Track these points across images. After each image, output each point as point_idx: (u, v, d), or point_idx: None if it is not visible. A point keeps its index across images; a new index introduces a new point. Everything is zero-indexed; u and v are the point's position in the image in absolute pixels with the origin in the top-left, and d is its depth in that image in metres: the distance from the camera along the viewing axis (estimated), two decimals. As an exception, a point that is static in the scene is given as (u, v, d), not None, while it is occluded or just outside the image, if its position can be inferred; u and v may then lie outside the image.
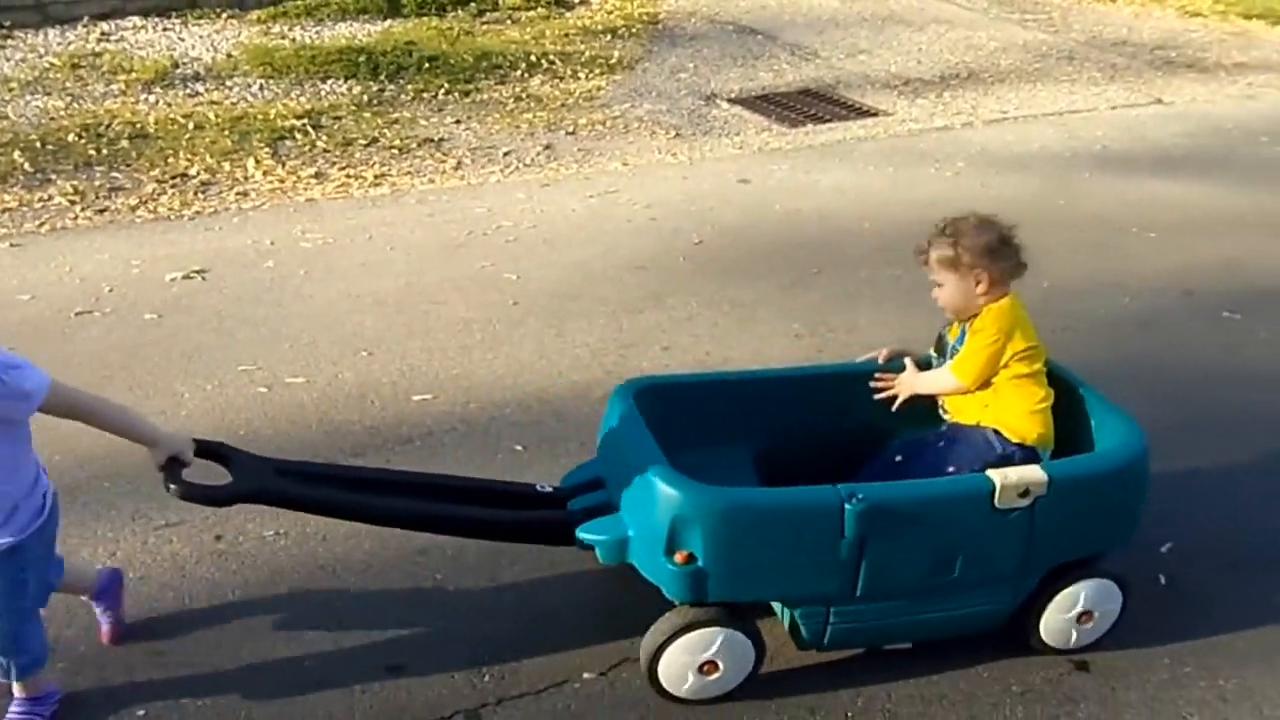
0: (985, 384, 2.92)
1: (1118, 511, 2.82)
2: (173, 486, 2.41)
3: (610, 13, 9.80)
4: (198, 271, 4.94)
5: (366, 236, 5.35)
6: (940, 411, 3.09)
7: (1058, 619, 2.86)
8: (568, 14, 9.73)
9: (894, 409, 3.10)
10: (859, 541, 2.55)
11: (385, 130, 6.91)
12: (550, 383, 4.10)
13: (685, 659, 2.63)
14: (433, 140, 6.82)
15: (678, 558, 2.51)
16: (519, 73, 8.10)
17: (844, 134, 7.19)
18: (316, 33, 8.67)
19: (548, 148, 6.77)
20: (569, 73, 8.18)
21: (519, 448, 3.67)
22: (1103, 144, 7.28)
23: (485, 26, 9.19)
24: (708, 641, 2.62)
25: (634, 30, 9.31)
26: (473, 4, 9.52)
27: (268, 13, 8.91)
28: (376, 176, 6.23)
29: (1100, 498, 2.77)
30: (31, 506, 2.34)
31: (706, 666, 2.65)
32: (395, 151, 6.60)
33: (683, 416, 2.93)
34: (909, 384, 3.09)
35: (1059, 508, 2.67)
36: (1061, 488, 2.65)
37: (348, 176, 6.21)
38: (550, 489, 2.92)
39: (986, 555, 2.71)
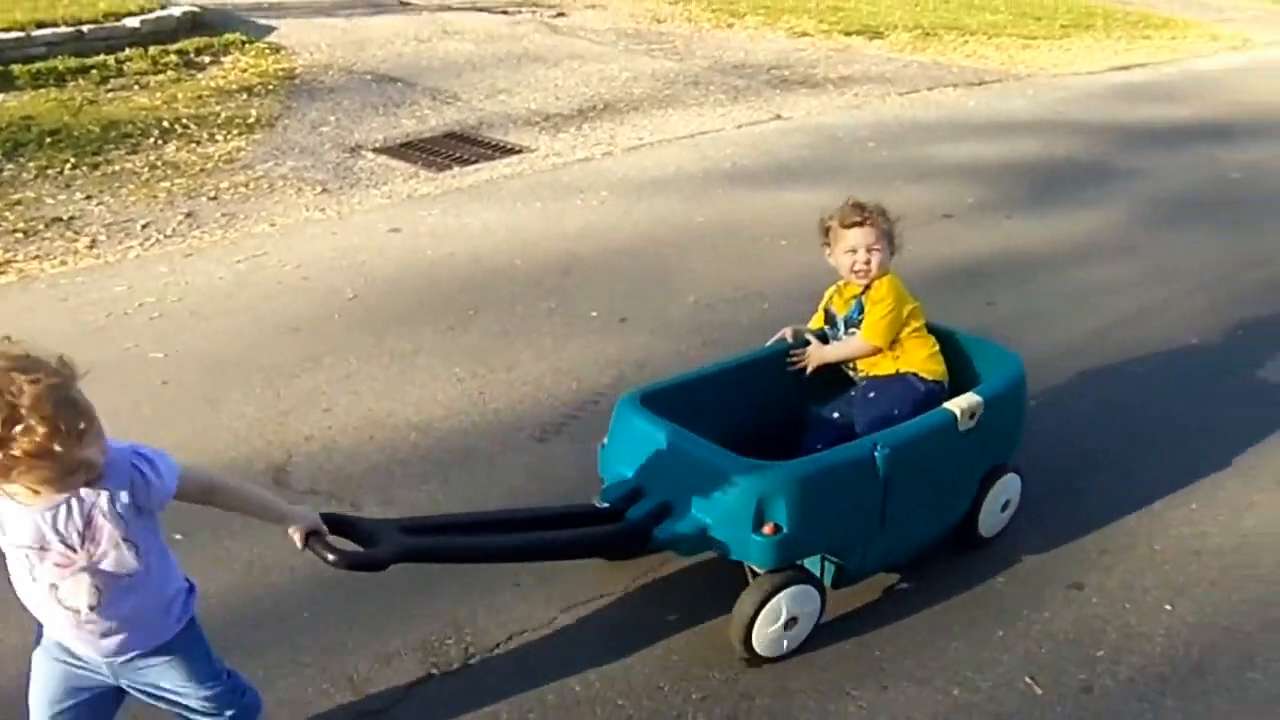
0: (891, 343, 3.47)
1: (1017, 419, 3.50)
2: (332, 558, 2.45)
3: (244, 71, 9.46)
4: None
5: (-8, 330, 4.91)
6: (849, 371, 3.61)
7: (991, 512, 3.45)
8: (199, 75, 9.31)
9: (806, 375, 3.60)
10: (885, 481, 3.02)
11: (6, 213, 6.37)
12: (208, 461, 3.86)
13: (774, 621, 2.94)
14: (62, 219, 6.34)
15: (766, 530, 2.84)
16: (152, 140, 7.67)
17: (490, 174, 7.22)
18: (-83, 114, 7.93)
19: (189, 216, 6.44)
20: (206, 136, 7.83)
21: (178, 536, 3.44)
22: (732, 161, 7.66)
23: (111, 94, 8.66)
24: (791, 599, 2.95)
25: (270, 87, 9.02)
26: (94, 71, 8.95)
27: None
28: (0, 264, 5.74)
29: (1008, 409, 3.40)
30: (184, 582, 2.33)
31: (789, 622, 2.97)
32: (20, 235, 6.10)
33: (668, 416, 3.17)
34: (818, 355, 3.58)
35: (991, 422, 3.27)
36: (991, 406, 3.25)
37: (-35, 268, 5.69)
38: (606, 505, 3.12)
39: (956, 470, 3.30)
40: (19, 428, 1.82)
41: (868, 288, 3.49)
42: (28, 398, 1.82)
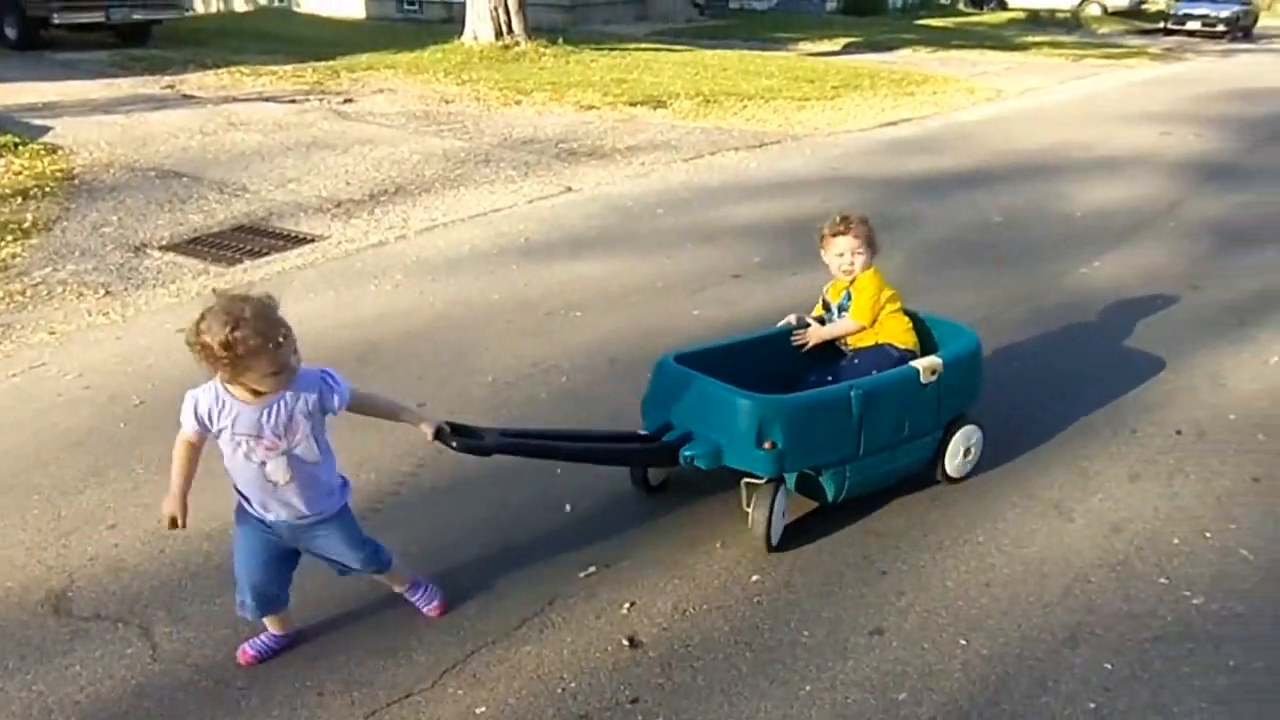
0: (874, 321, 4.27)
1: (974, 379, 4.29)
2: (455, 444, 3.35)
3: (18, 173, 9.00)
4: None
5: None
6: (841, 347, 4.41)
7: (956, 454, 4.26)
8: (-32, 182, 8.80)
9: (806, 351, 4.42)
10: (860, 416, 3.81)
11: None
12: (-19, 594, 3.58)
13: (780, 514, 3.82)
14: None
15: (765, 446, 3.63)
16: (-84, 253, 7.18)
17: (283, 265, 6.99)
18: None
19: (-41, 331, 6.02)
20: (-24, 245, 7.37)
21: (-52, 682, 3.16)
22: (525, 236, 7.63)
23: None
24: (783, 498, 3.84)
25: (48, 189, 8.59)
26: None
27: None
28: None
29: (965, 371, 4.20)
30: (341, 478, 3.21)
31: (784, 513, 3.85)
32: None
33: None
34: (818, 334, 4.41)
35: (950, 380, 4.08)
36: (950, 366, 4.07)
37: None
38: (645, 433, 3.92)
39: (920, 416, 4.05)
40: (239, 333, 2.72)
41: (854, 280, 4.29)
42: (249, 311, 2.75)
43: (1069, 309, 6.30)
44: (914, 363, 4.04)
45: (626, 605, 3.47)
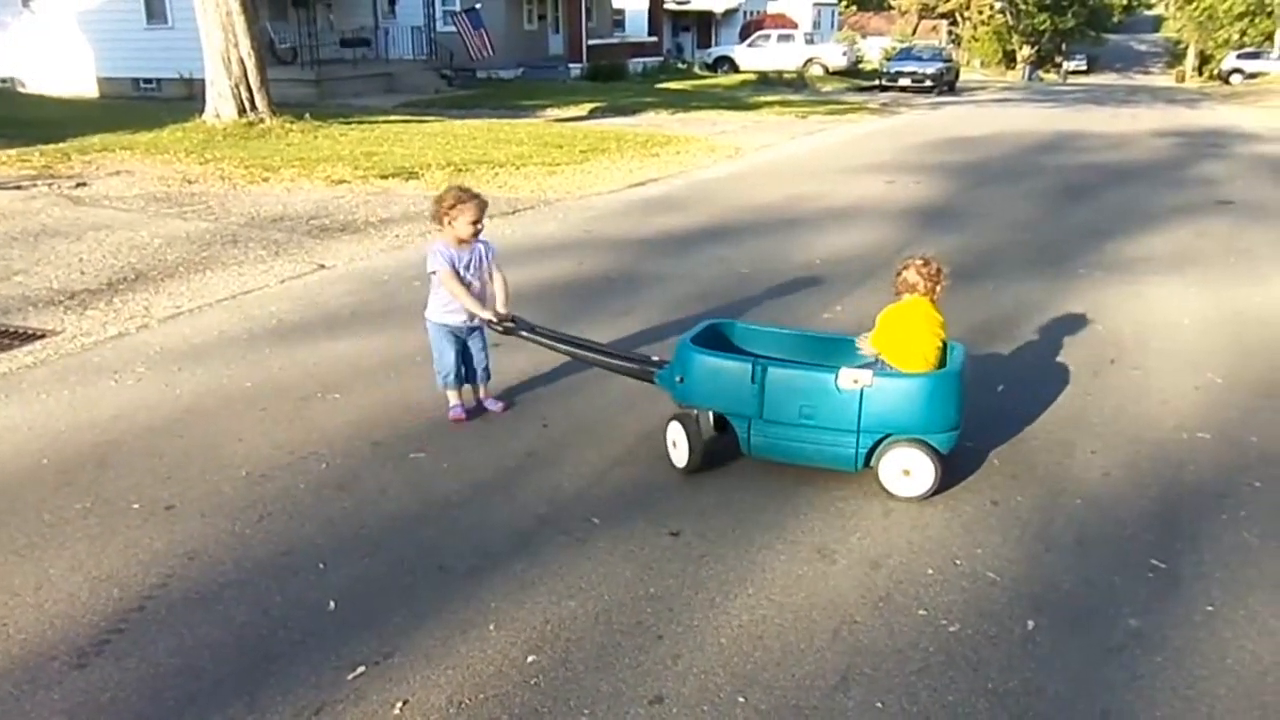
0: (884, 344, 4.79)
1: (921, 410, 4.56)
2: (497, 328, 5.35)
3: None
4: None
5: None
6: None
7: (888, 470, 4.62)
8: None
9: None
10: (761, 385, 4.62)
11: None
12: None
13: (671, 440, 4.89)
14: None
15: (678, 379, 4.86)
16: None
17: (9, 365, 6.35)
18: None
19: None
20: None
21: None
22: (278, 318, 7.27)
23: None
24: (674, 430, 4.88)
25: None
26: None
27: None
28: None
29: (906, 399, 4.56)
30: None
31: (677, 443, 4.85)
32: None
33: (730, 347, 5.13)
34: (864, 348, 4.88)
35: (881, 397, 4.52)
36: (881, 387, 4.53)
37: None
38: (653, 359, 5.34)
39: (835, 413, 4.57)
40: (462, 203, 5.19)
41: None
42: (468, 195, 5.26)
43: (816, 354, 6.44)
44: (842, 369, 4.56)
45: (399, 705, 3.24)
